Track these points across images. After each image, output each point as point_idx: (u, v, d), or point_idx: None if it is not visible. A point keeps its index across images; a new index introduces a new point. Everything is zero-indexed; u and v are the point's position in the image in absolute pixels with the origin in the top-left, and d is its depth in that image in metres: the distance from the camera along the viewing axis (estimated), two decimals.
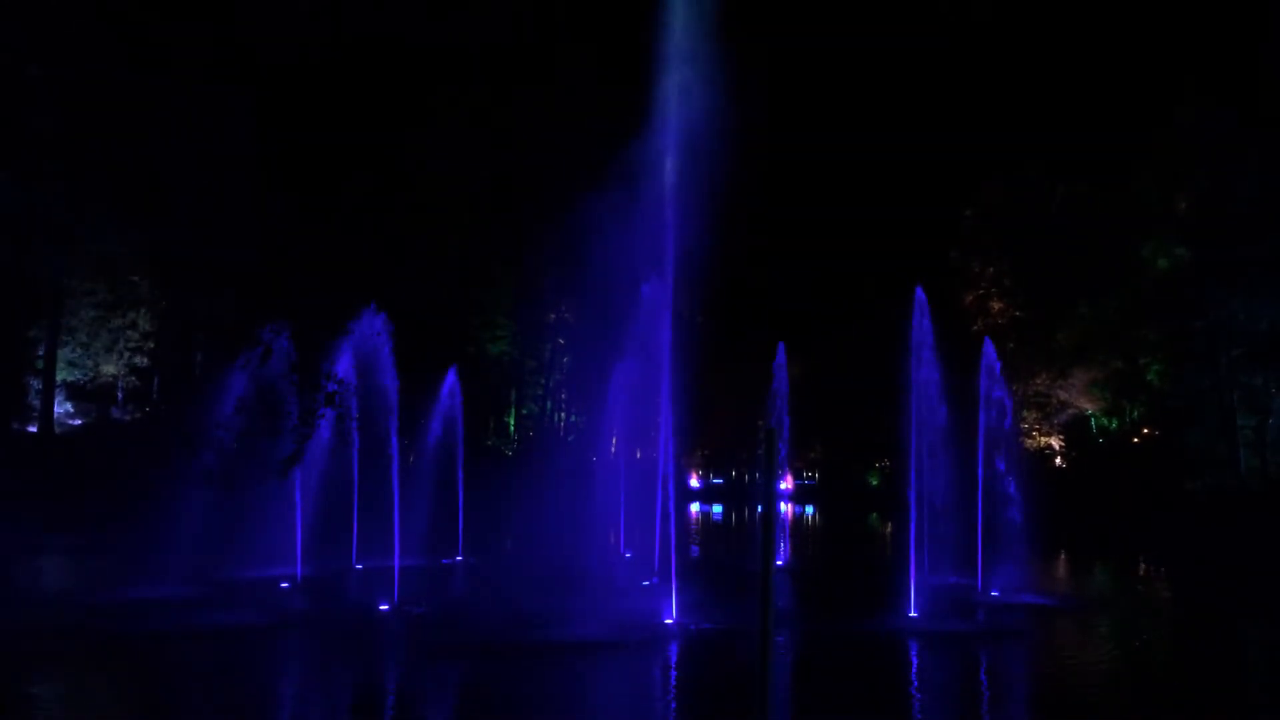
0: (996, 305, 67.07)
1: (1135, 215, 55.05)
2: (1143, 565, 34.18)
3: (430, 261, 57.49)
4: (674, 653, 15.98)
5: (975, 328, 62.79)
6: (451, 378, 30.65)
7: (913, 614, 18.92)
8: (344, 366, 21.74)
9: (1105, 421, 61.40)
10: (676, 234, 19.69)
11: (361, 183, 53.75)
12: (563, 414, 73.74)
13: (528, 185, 59.40)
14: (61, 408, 47.34)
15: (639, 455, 31.93)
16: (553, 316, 67.16)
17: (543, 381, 69.22)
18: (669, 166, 19.78)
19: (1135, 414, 59.24)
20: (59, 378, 46.30)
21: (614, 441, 34.08)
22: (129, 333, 49.35)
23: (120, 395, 50.11)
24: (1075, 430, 61.74)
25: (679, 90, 19.73)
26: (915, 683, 14.81)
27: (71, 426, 47.59)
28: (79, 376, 48.51)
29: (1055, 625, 20.28)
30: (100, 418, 48.18)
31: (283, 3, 51.03)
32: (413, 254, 55.85)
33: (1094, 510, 45.74)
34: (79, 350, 48.35)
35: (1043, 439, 62.66)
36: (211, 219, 49.02)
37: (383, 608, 18.91)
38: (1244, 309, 43.08)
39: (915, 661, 16.37)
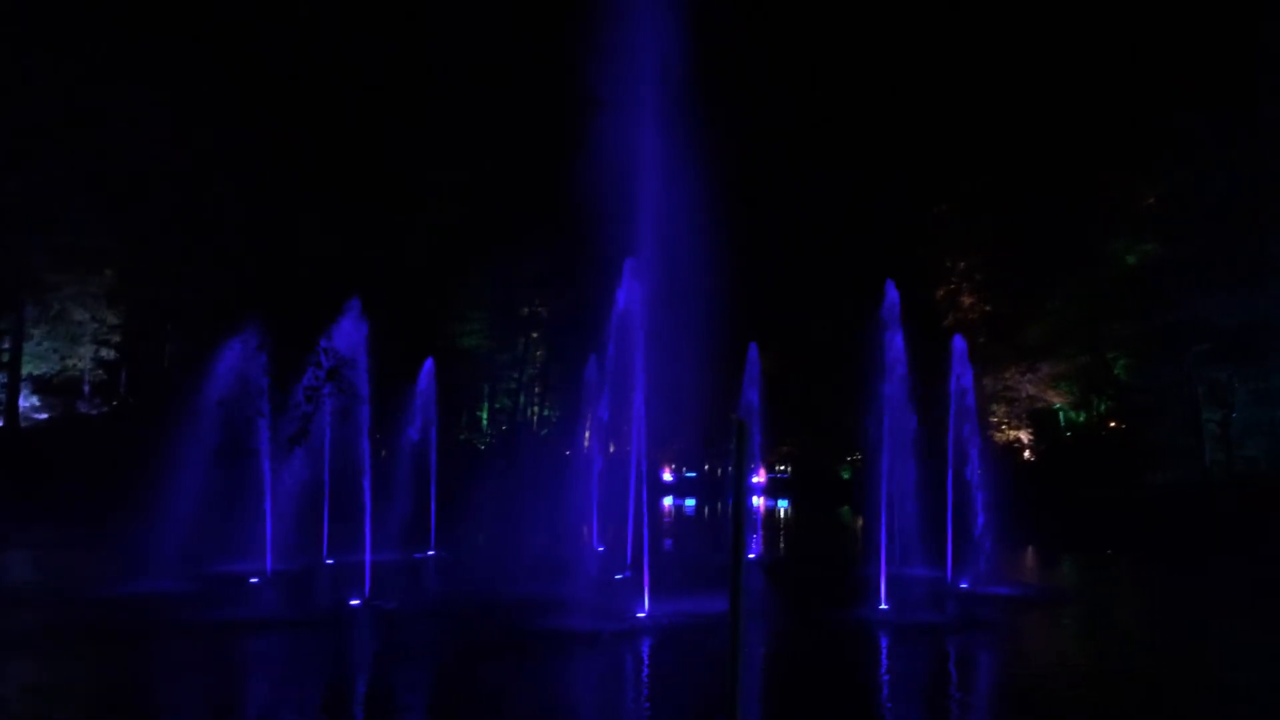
0: (967, 300, 67.65)
1: (1105, 211, 55.65)
2: (1110, 556, 34.59)
3: (403, 254, 57.31)
4: (646, 646, 16.02)
5: (946, 322, 63.35)
6: (428, 370, 30.56)
7: (883, 606, 19.07)
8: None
9: (1073, 415, 62.07)
10: (652, 228, 19.74)
11: (335, 174, 53.43)
12: (536, 408, 73.74)
13: (503, 178, 59.31)
14: (27, 401, 46.74)
15: (612, 449, 31.96)
16: (526, 311, 67.17)
17: (516, 375, 69.17)
18: (643, 164, 19.82)
19: (1103, 408, 59.92)
20: (24, 371, 45.74)
21: (587, 435, 34.12)
22: (96, 325, 48.77)
23: (87, 389, 49.56)
24: (1044, 424, 62.35)
25: (650, 84, 19.80)
26: (886, 674, 14.94)
27: (37, 421, 47.01)
28: (45, 370, 47.90)
29: (1024, 616, 20.51)
30: (67, 411, 47.62)
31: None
32: (385, 246, 55.64)
33: (1062, 502, 46.22)
34: (45, 343, 47.75)
35: (1012, 432, 63.25)
36: (183, 211, 48.70)
37: (354, 603, 18.82)
38: (1209, 304, 43.58)
39: (886, 653, 16.50)
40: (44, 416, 47.50)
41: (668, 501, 69.66)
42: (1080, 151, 56.81)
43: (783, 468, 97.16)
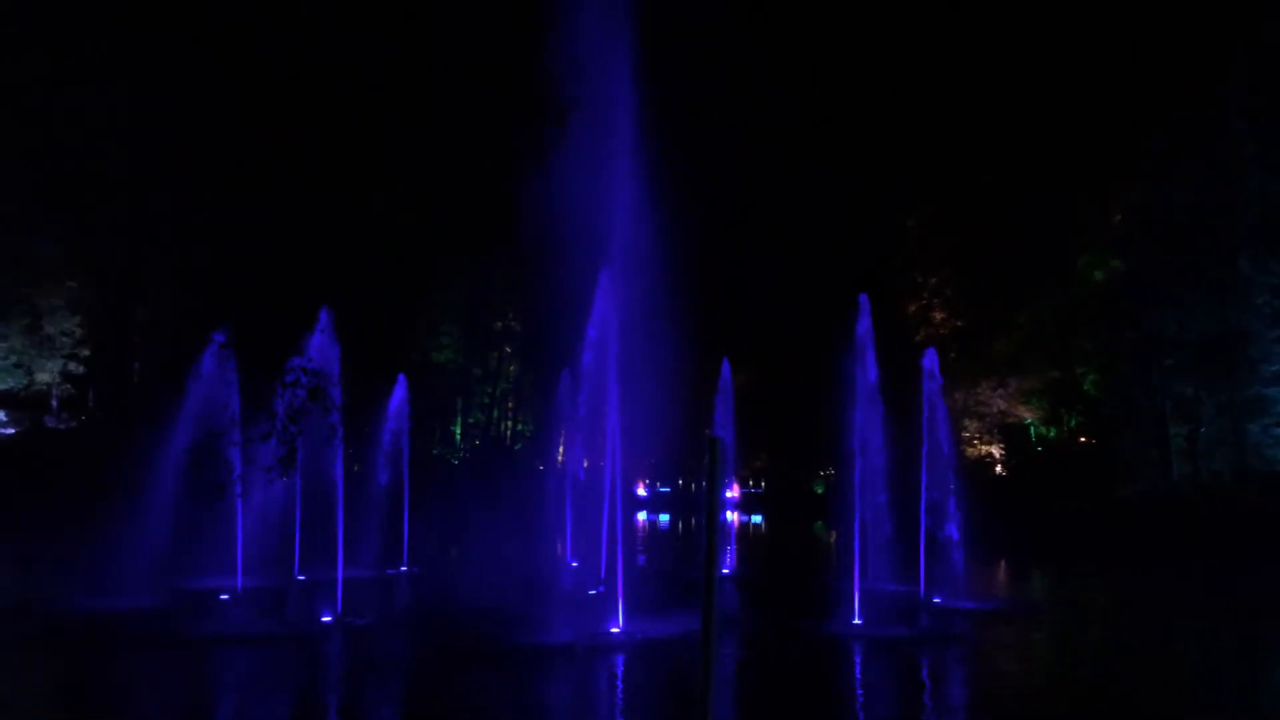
0: (938, 315, 68.17)
1: (1074, 228, 56.40)
2: (1080, 570, 34.85)
3: (376, 267, 57.06)
4: (620, 662, 15.99)
5: (918, 338, 63.77)
6: (400, 386, 30.45)
7: (857, 620, 19.13)
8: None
9: (1044, 430, 62.64)
10: (625, 241, 19.79)
11: (307, 187, 53.15)
12: (509, 423, 73.51)
13: (477, 189, 59.23)
14: None
15: (586, 464, 31.92)
16: (499, 325, 67.07)
17: (489, 390, 68.97)
18: (616, 175, 19.88)
19: (1073, 422, 60.51)
20: None
21: (560, 450, 34.06)
22: (64, 339, 48.23)
23: (55, 403, 48.96)
24: (1015, 439, 62.87)
25: (623, 93, 19.89)
26: (860, 687, 15.00)
27: (3, 436, 46.40)
28: (11, 384, 47.30)
29: (996, 629, 20.62)
30: (34, 426, 47.03)
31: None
32: (358, 259, 55.38)
33: (1033, 517, 46.57)
34: (11, 357, 47.17)
35: (983, 447, 63.71)
36: (154, 223, 48.33)
37: (325, 619, 18.66)
38: (1175, 320, 44.24)
39: (859, 666, 16.57)
40: (10, 432, 46.89)
41: (642, 516, 69.54)
42: (1050, 169, 57.46)
43: (756, 483, 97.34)
